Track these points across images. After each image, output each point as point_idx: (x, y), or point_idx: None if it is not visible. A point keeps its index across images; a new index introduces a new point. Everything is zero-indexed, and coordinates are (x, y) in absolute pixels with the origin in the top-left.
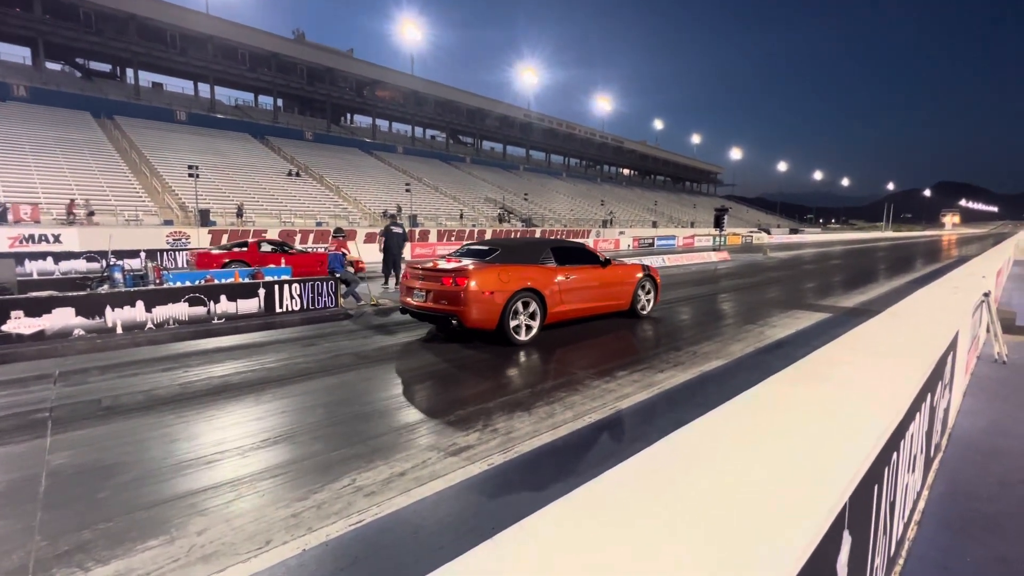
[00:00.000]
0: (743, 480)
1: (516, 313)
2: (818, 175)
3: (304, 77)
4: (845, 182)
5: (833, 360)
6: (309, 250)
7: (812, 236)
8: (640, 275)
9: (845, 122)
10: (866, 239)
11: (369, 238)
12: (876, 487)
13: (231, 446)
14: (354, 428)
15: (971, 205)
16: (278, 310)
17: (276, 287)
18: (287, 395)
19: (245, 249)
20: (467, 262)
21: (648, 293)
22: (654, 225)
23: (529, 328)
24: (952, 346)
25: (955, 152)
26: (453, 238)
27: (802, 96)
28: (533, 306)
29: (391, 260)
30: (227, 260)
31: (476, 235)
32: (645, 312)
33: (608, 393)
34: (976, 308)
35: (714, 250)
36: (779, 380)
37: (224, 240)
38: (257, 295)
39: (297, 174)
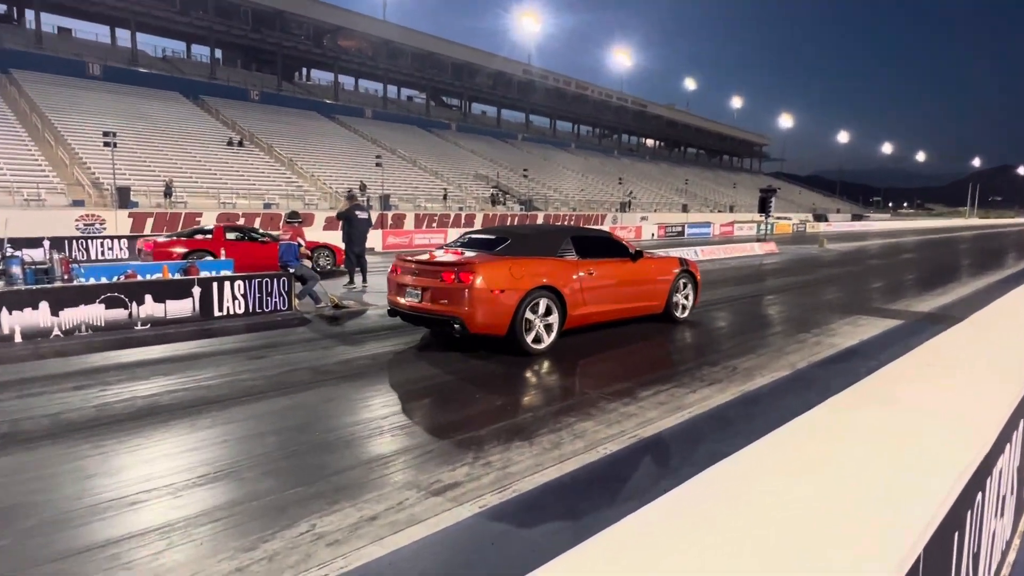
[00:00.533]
0: (792, 526)
1: (530, 315)
2: (887, 148)
3: (249, 22)
4: (920, 157)
5: (904, 378)
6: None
7: (879, 224)
8: (677, 271)
9: (922, 82)
10: (946, 228)
11: (330, 225)
12: (956, 535)
13: (160, 483)
14: (314, 461)
15: None
16: (217, 313)
17: (215, 285)
18: (230, 420)
19: (209, 236)
20: (471, 254)
21: (686, 293)
22: (684, 209)
23: (546, 334)
24: None
25: None
26: (435, 224)
27: (868, 50)
28: (551, 308)
29: (355, 252)
30: (186, 251)
31: (464, 220)
32: (682, 316)
33: (628, 418)
34: None
35: (759, 240)
36: (837, 403)
37: (148, 226)
38: (191, 295)
39: (240, 143)
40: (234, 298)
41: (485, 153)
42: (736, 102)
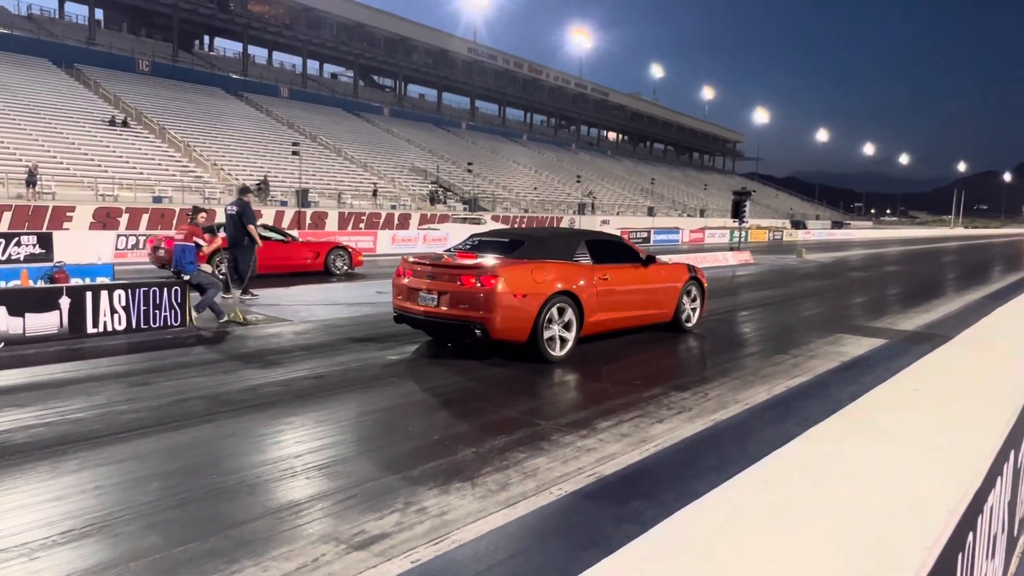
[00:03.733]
0: None
1: (550, 322)
2: (869, 149)
3: None
4: (904, 160)
5: (889, 405)
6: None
7: (861, 232)
8: (686, 278)
9: (906, 79)
10: (930, 238)
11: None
12: None
13: (12, 542)
14: (210, 510)
15: None
16: (91, 330)
17: (88, 294)
18: (103, 461)
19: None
20: (487, 257)
21: (694, 301)
22: (650, 212)
23: (564, 341)
24: None
25: None
26: (363, 225)
27: (851, 43)
28: (569, 314)
29: (232, 255)
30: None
31: (398, 221)
32: (690, 325)
33: (586, 452)
34: None
35: (732, 249)
36: (819, 435)
37: (4, 221)
38: (58, 307)
39: (124, 123)
40: (113, 311)
41: (423, 143)
42: (708, 93)
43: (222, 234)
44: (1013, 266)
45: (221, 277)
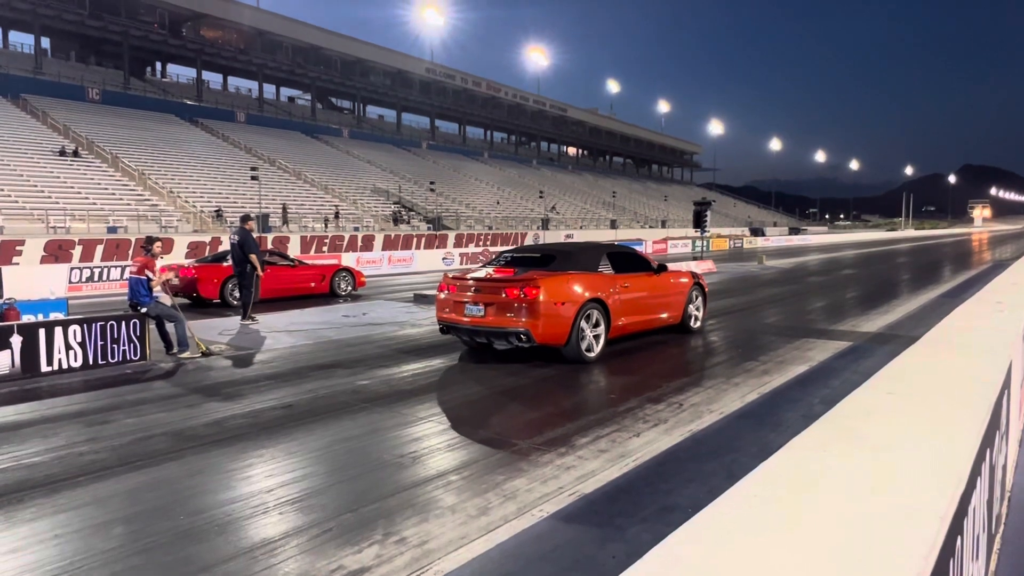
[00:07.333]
0: None
1: (583, 327)
2: (820, 156)
3: (85, 6)
4: (854, 165)
5: (867, 411)
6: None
7: (817, 238)
8: (692, 283)
9: (853, 88)
10: (882, 240)
11: (196, 249)
12: None
13: None
14: (178, 554)
15: (1002, 194)
16: (46, 368)
17: (42, 332)
18: (62, 508)
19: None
20: (524, 271)
21: (697, 304)
22: (613, 225)
23: (596, 342)
24: (1006, 383)
25: (980, 131)
26: (326, 248)
27: (799, 54)
28: (598, 318)
29: (239, 282)
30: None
31: (361, 243)
32: (695, 327)
33: (565, 471)
34: None
35: (695, 259)
36: (801, 445)
37: None
38: (9, 346)
39: (75, 153)
40: (68, 347)
41: (384, 163)
42: (664, 106)
43: (164, 269)
44: (962, 265)
45: (236, 303)
